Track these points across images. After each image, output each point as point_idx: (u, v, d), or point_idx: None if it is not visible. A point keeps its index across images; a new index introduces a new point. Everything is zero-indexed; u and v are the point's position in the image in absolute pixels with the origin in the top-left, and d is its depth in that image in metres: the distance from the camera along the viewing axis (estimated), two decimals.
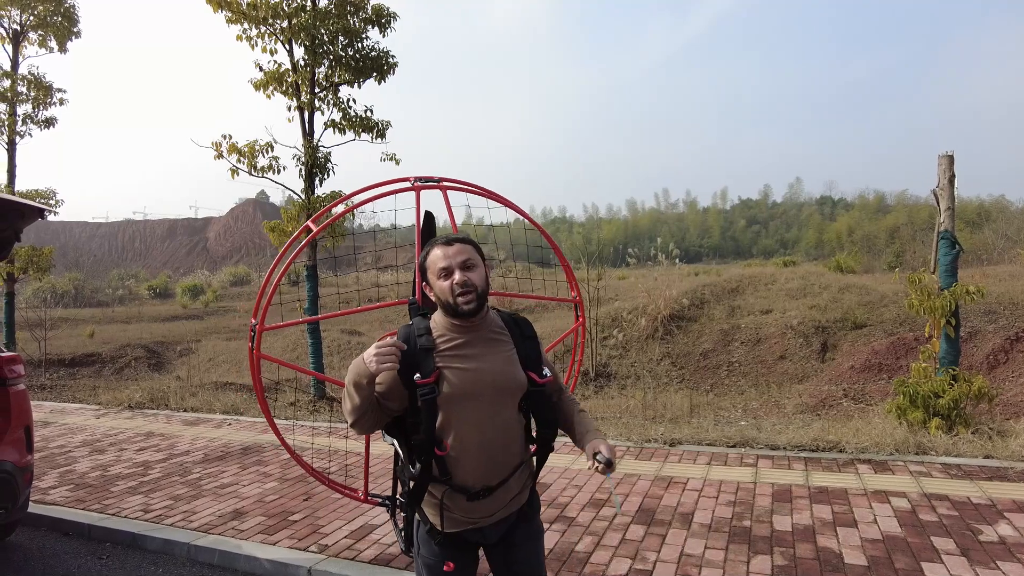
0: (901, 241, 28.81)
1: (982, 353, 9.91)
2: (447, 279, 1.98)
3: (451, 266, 1.98)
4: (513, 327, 2.13)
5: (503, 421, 2.01)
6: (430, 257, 2.04)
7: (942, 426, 5.86)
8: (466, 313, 1.98)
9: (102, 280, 45.37)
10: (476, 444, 1.99)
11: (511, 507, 2.11)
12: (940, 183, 6.30)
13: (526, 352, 2.09)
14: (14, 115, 12.21)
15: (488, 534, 2.11)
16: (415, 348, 1.98)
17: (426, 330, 2.03)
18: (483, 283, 2.02)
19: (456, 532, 2.06)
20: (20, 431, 4.25)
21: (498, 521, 2.10)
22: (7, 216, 4.15)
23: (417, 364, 1.96)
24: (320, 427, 7.46)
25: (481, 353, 2.02)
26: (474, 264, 2.01)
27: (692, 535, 4.04)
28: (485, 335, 2.06)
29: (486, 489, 2.02)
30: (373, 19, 9.60)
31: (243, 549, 4.14)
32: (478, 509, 2.04)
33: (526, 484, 2.15)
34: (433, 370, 1.95)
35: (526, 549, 2.17)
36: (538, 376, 2.06)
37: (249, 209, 73.67)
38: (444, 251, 2.01)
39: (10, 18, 12.19)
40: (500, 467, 2.03)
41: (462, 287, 1.95)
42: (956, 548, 3.68)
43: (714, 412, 9.01)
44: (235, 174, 9.18)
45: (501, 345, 2.07)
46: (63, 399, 10.43)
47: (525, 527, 2.17)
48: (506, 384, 2.01)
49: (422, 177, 3.15)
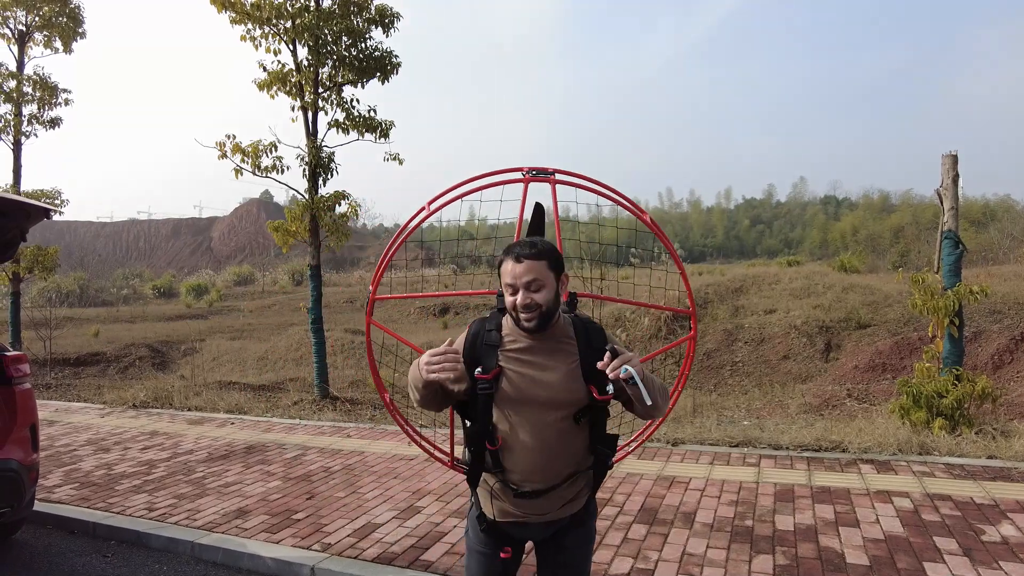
0: (905, 241, 28.74)
1: (987, 353, 9.88)
2: (512, 296, 1.97)
3: (517, 285, 1.95)
4: (583, 336, 2.04)
5: (556, 430, 1.98)
6: (502, 268, 2.00)
7: (945, 426, 5.85)
8: (527, 331, 1.99)
9: (107, 280, 45.55)
10: (526, 447, 1.98)
11: (563, 512, 2.08)
12: (944, 183, 6.29)
13: (591, 364, 1.97)
14: (20, 115, 12.25)
15: (534, 532, 2.11)
16: (482, 342, 2.02)
17: (496, 326, 2.05)
18: (550, 302, 1.96)
19: (502, 523, 2.08)
20: (26, 430, 4.27)
21: (548, 522, 2.09)
22: (13, 216, 4.17)
23: (480, 358, 2.00)
24: (323, 426, 7.49)
25: (542, 361, 2.00)
26: (541, 285, 1.95)
27: (694, 534, 4.05)
28: (551, 344, 2.03)
29: (534, 492, 2.01)
30: (376, 19, 9.61)
31: (247, 547, 4.16)
32: (526, 507, 2.04)
33: (581, 492, 2.11)
34: (494, 367, 1.98)
35: (576, 554, 2.17)
36: (598, 391, 1.96)
37: (253, 209, 73.87)
38: (513, 268, 1.96)
39: (16, 19, 12.23)
40: (549, 473, 2.00)
41: (524, 309, 1.95)
42: (959, 548, 3.67)
43: (717, 412, 9.01)
44: (239, 174, 9.20)
45: (565, 356, 2.02)
46: (68, 398, 10.48)
47: (577, 531, 2.16)
48: (560, 397, 1.97)
49: (535, 168, 3.07)
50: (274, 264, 48.84)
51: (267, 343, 18.07)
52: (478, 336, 2.04)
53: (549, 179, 2.98)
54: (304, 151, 9.35)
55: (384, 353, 3.95)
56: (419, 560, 3.86)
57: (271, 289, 39.56)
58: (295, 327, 19.50)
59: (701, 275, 23.06)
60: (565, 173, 3.06)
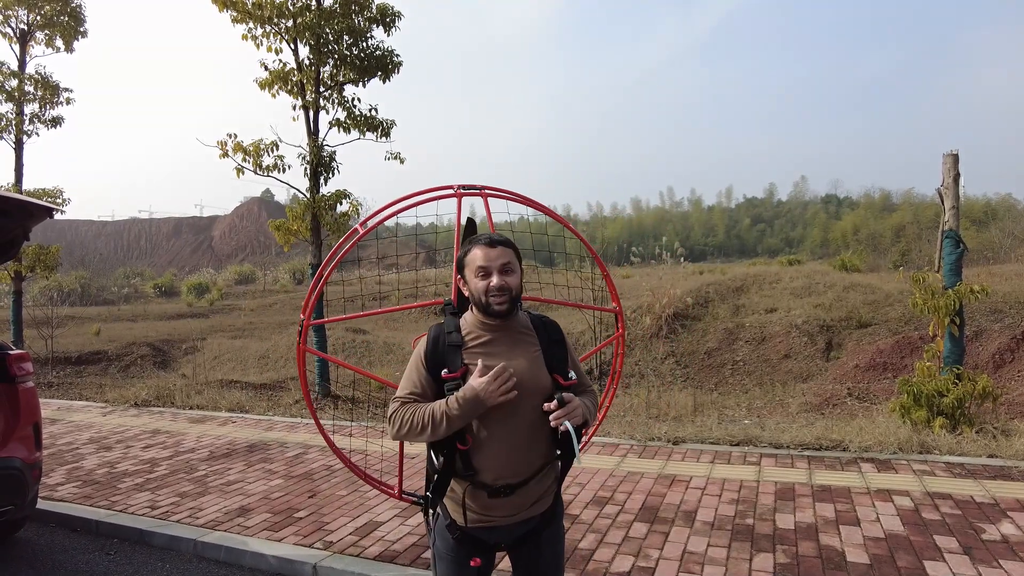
0: (907, 240, 28.68)
1: (987, 352, 9.87)
2: (484, 279, 2.03)
3: (490, 268, 2.03)
4: (541, 329, 2.15)
5: (527, 420, 2.02)
6: (470, 255, 2.08)
7: (946, 425, 5.86)
8: (497, 314, 2.04)
9: (108, 278, 45.55)
10: (498, 440, 2.01)
11: (533, 510, 2.11)
12: (945, 182, 6.29)
13: (553, 355, 2.10)
14: (21, 114, 12.27)
15: (503, 534, 2.11)
16: (444, 345, 2.07)
17: (455, 328, 2.11)
18: (518, 287, 2.07)
19: (473, 529, 2.09)
20: (29, 428, 4.29)
21: (517, 523, 2.10)
22: (16, 215, 4.18)
23: (445, 360, 2.04)
24: (325, 425, 7.49)
25: (507, 352, 2.06)
26: (512, 269, 2.06)
27: (695, 533, 4.06)
28: (512, 335, 2.10)
29: (507, 487, 2.03)
30: (378, 18, 9.62)
31: (249, 545, 4.18)
32: (498, 507, 2.05)
33: (550, 488, 2.15)
34: (460, 366, 2.02)
35: (549, 552, 2.19)
36: (563, 378, 2.07)
37: (254, 208, 73.89)
38: (486, 252, 2.05)
39: (17, 18, 12.24)
40: (522, 466, 2.04)
41: (498, 291, 2.01)
42: (959, 547, 3.68)
43: (718, 411, 9.01)
44: (240, 173, 9.22)
45: (527, 346, 2.10)
46: (70, 397, 10.51)
47: (548, 530, 2.18)
48: (530, 384, 2.02)
49: (466, 185, 3.41)
50: (275, 263, 48.83)
51: (268, 342, 18.07)
52: (439, 340, 2.08)
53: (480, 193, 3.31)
54: (305, 150, 9.37)
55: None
56: (421, 558, 3.87)
57: (272, 288, 39.55)
58: (296, 326, 19.49)
59: (702, 274, 23.03)
60: (493, 188, 3.48)
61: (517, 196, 3.58)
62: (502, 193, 3.51)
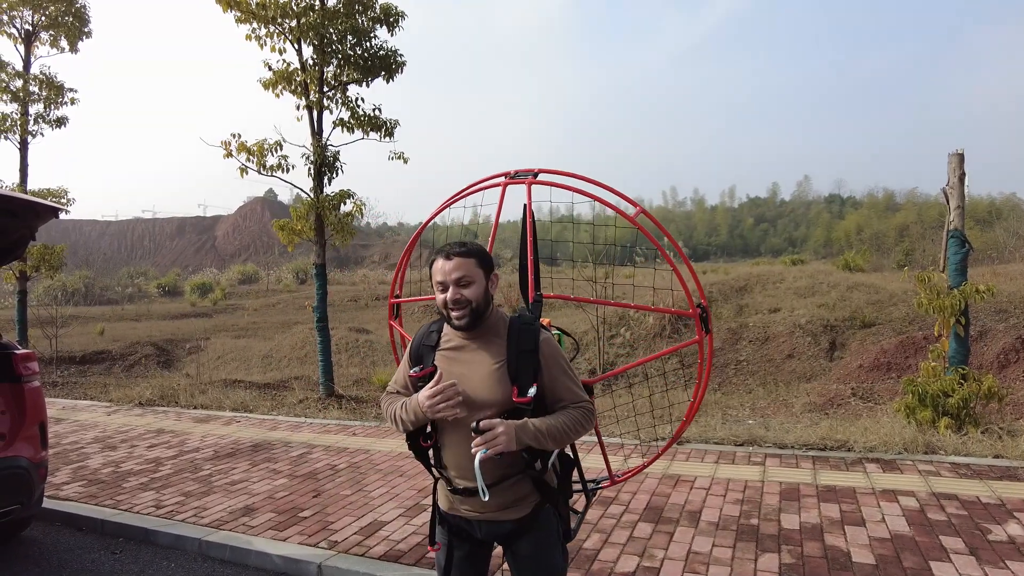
0: (910, 239, 28.63)
1: (992, 352, 9.84)
2: (442, 293, 2.04)
3: (446, 282, 2.02)
4: (513, 338, 2.04)
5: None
6: (433, 266, 2.08)
7: (951, 425, 5.84)
8: (457, 328, 2.06)
9: (112, 278, 45.72)
10: (455, 446, 2.06)
11: (503, 515, 2.07)
12: (950, 181, 6.28)
13: (517, 367, 1.99)
14: (26, 115, 12.30)
15: (481, 529, 2.14)
16: (422, 343, 2.17)
17: (438, 328, 2.17)
18: (479, 299, 2.02)
19: (447, 515, 2.18)
20: (35, 427, 4.30)
21: (488, 521, 2.09)
22: (23, 216, 4.19)
23: (421, 358, 2.15)
24: (329, 424, 7.51)
25: (470, 360, 2.06)
26: (470, 281, 2.00)
27: (700, 533, 4.05)
28: (480, 343, 2.07)
29: (467, 490, 2.05)
30: (381, 18, 9.62)
31: (254, 545, 4.18)
32: (462, 504, 2.12)
33: (526, 498, 2.06)
34: (430, 366, 2.09)
35: (530, 563, 2.12)
36: (519, 394, 1.97)
37: (257, 207, 73.97)
38: (442, 265, 2.03)
39: (22, 18, 12.28)
40: (485, 473, 1.95)
41: (454, 304, 2.01)
42: (965, 547, 3.67)
43: (722, 411, 9.01)
44: (244, 173, 9.23)
45: (491, 356, 2.04)
46: (75, 396, 10.54)
47: (526, 541, 2.10)
48: (481, 397, 1.99)
49: (523, 171, 3.01)
50: (278, 263, 48.89)
51: (272, 341, 18.11)
52: (421, 338, 2.18)
53: (525, 181, 2.92)
54: (309, 150, 9.37)
55: None
56: (425, 558, 3.87)
57: (275, 288, 39.60)
58: (299, 325, 19.54)
59: (705, 274, 23.00)
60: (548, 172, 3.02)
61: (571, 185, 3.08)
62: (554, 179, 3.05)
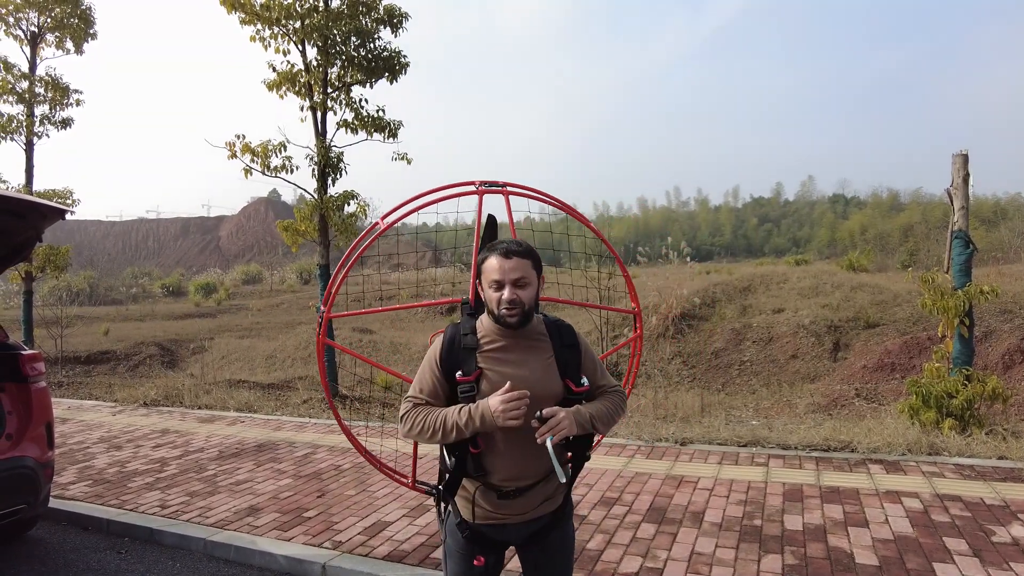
0: (915, 240, 28.52)
1: (997, 353, 9.81)
2: (497, 291, 2.03)
3: (504, 281, 2.02)
4: (555, 334, 2.15)
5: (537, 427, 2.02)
6: (487, 263, 2.07)
7: (955, 426, 5.83)
8: (508, 326, 2.04)
9: (116, 278, 45.82)
10: (509, 445, 2.03)
11: (541, 509, 2.13)
12: (954, 182, 6.27)
13: (565, 360, 2.11)
14: (32, 116, 12.35)
15: (513, 533, 2.14)
16: (460, 347, 2.08)
17: (471, 330, 2.11)
18: (532, 300, 2.06)
19: (482, 526, 2.12)
20: (41, 427, 4.33)
21: (527, 521, 2.13)
22: (29, 217, 4.22)
23: (460, 362, 2.06)
24: (333, 425, 7.53)
25: (521, 358, 2.07)
26: (527, 283, 2.04)
27: (703, 534, 4.06)
28: (527, 341, 2.11)
29: (517, 490, 2.06)
30: (385, 19, 9.64)
31: (258, 545, 4.20)
32: (507, 507, 2.08)
33: (559, 488, 2.16)
34: (475, 369, 2.03)
35: (559, 556, 2.21)
36: (575, 384, 2.08)
37: (261, 208, 74.11)
38: (501, 264, 2.03)
39: (28, 20, 12.33)
40: (531, 470, 2.06)
41: (509, 304, 2.01)
42: (968, 549, 3.67)
43: (725, 411, 9.00)
44: (248, 174, 9.26)
45: (541, 352, 2.11)
46: (80, 396, 10.58)
47: (558, 533, 2.20)
48: (541, 391, 2.03)
49: (487, 181, 3.28)
50: (282, 263, 48.97)
51: (276, 342, 18.14)
52: (454, 341, 2.10)
53: (502, 190, 3.20)
54: (313, 151, 9.40)
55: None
56: (429, 558, 3.88)
57: (279, 288, 39.66)
58: (303, 326, 19.57)
59: (709, 274, 22.95)
60: (515, 185, 3.37)
61: (539, 194, 3.51)
62: (524, 190, 3.42)
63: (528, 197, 3.49)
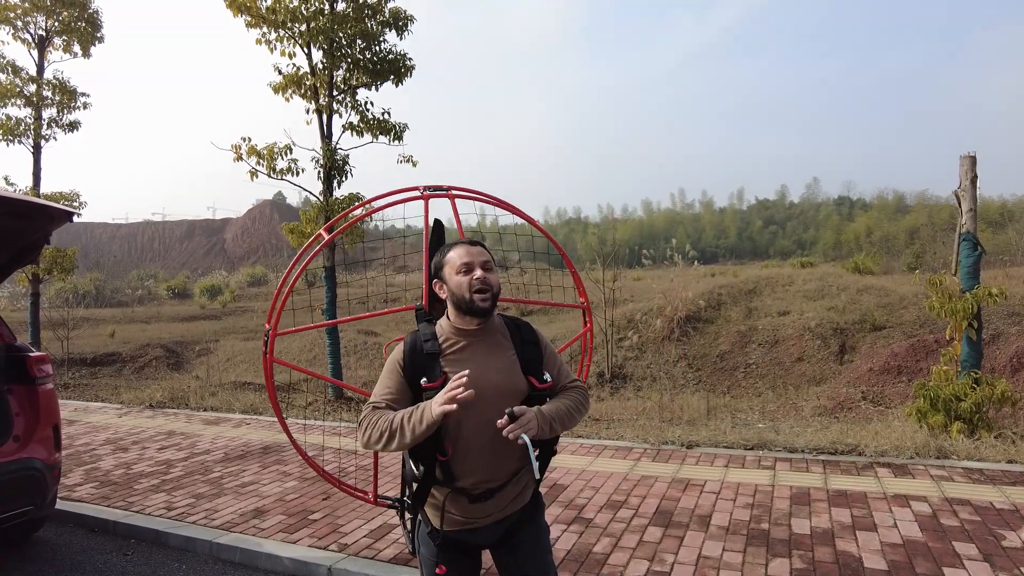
0: (921, 242, 28.43)
1: (1005, 356, 9.76)
2: (467, 274, 2.03)
3: (473, 263, 2.05)
4: (515, 332, 2.16)
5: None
6: (450, 254, 2.09)
7: (964, 430, 5.80)
8: (479, 311, 2.04)
9: (122, 280, 46.03)
10: (478, 447, 2.02)
11: (510, 508, 2.13)
12: (962, 184, 6.24)
13: (527, 357, 2.11)
14: (39, 119, 12.43)
15: (484, 535, 2.13)
16: (422, 353, 2.05)
17: (431, 336, 2.10)
18: (498, 286, 2.09)
19: (454, 532, 2.11)
20: (49, 429, 4.34)
21: (496, 522, 2.13)
22: (38, 219, 4.24)
23: (424, 369, 2.03)
24: (339, 427, 7.53)
25: (484, 358, 2.06)
26: (492, 267, 2.09)
27: (710, 537, 4.04)
28: (488, 339, 2.11)
29: (488, 492, 2.06)
30: (390, 22, 9.67)
31: (264, 547, 4.20)
32: (479, 511, 2.08)
33: (527, 485, 2.17)
34: (439, 375, 2.01)
35: (533, 548, 2.20)
36: (538, 381, 2.09)
37: (266, 210, 74.40)
38: (468, 249, 2.08)
39: (36, 24, 12.42)
40: (502, 470, 2.07)
41: (482, 283, 2.02)
42: (978, 553, 3.64)
43: (731, 414, 8.97)
44: (254, 176, 9.29)
45: (503, 350, 2.11)
46: (86, 398, 10.61)
47: (530, 527, 2.20)
48: (507, 388, 2.04)
49: (431, 186, 3.34)
50: (287, 265, 49.08)
51: (281, 344, 18.18)
52: (415, 348, 2.07)
53: (447, 194, 3.23)
54: (319, 153, 9.42)
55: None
56: None
57: None
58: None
59: (714, 276, 22.94)
60: (460, 189, 3.43)
61: (485, 196, 3.55)
62: (469, 194, 3.48)
63: (473, 199, 3.54)
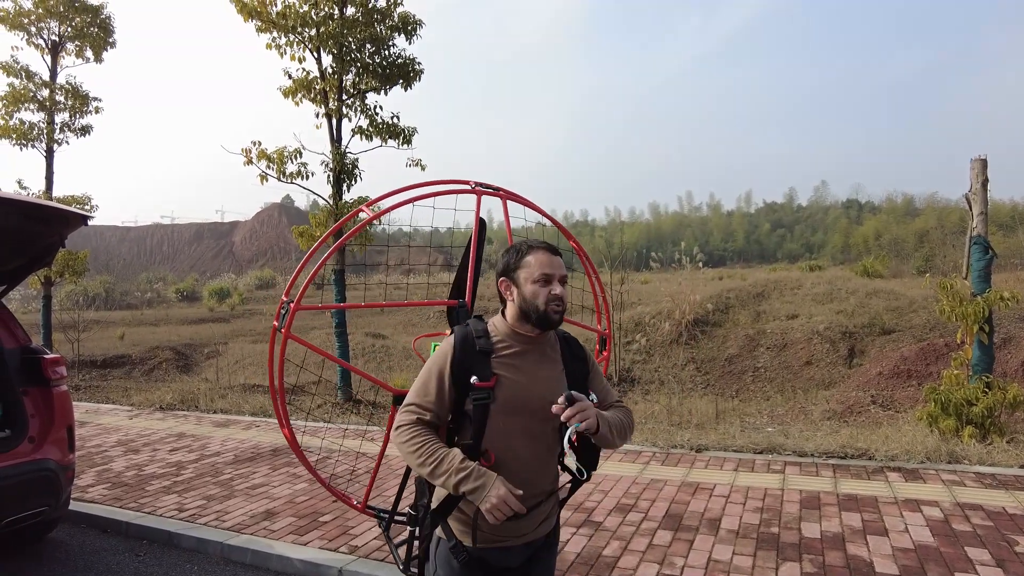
0: (931, 245, 28.23)
1: (1017, 360, 9.68)
2: (546, 286, 1.93)
3: (553, 276, 1.94)
4: (564, 346, 2.09)
5: (547, 440, 1.95)
6: (529, 258, 1.96)
7: (975, 435, 5.76)
8: (551, 324, 1.95)
9: (132, 283, 46.37)
10: (523, 458, 1.92)
11: (541, 530, 2.04)
12: (973, 187, 6.21)
13: (574, 373, 2.03)
14: (52, 123, 12.55)
15: (515, 555, 2.01)
16: (473, 349, 1.93)
17: (484, 332, 1.98)
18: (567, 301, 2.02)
19: (483, 550, 1.96)
20: (63, 431, 4.38)
21: (526, 543, 2.02)
22: (54, 223, 4.29)
23: (473, 367, 1.90)
24: (347, 429, 7.56)
25: (535, 367, 1.98)
26: (567, 281, 2.01)
27: (720, 541, 4.03)
28: (540, 349, 2.03)
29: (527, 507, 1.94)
30: (399, 26, 9.72)
31: (275, 549, 4.23)
32: (512, 528, 1.93)
33: (554, 508, 2.10)
34: (491, 375, 1.90)
35: (545, 572, 2.13)
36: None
37: (275, 213, 74.78)
38: (550, 259, 1.96)
39: (49, 29, 12.55)
40: (536, 489, 1.96)
41: (559, 301, 1.93)
42: (991, 559, 3.62)
43: (740, 418, 8.94)
44: (264, 180, 9.34)
45: (552, 362, 2.04)
46: (96, 400, 10.69)
47: (548, 559, 2.12)
48: (553, 401, 1.89)
49: (483, 183, 3.24)
50: (295, 268, 49.31)
51: (289, 346, 18.24)
52: (467, 343, 1.94)
53: (497, 193, 3.20)
54: (328, 157, 9.47)
55: None
56: None
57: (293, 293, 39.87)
58: (317, 330, 19.67)
59: (722, 279, 22.85)
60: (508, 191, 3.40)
61: (534, 205, 3.61)
62: (520, 198, 3.48)
63: (523, 204, 3.54)
